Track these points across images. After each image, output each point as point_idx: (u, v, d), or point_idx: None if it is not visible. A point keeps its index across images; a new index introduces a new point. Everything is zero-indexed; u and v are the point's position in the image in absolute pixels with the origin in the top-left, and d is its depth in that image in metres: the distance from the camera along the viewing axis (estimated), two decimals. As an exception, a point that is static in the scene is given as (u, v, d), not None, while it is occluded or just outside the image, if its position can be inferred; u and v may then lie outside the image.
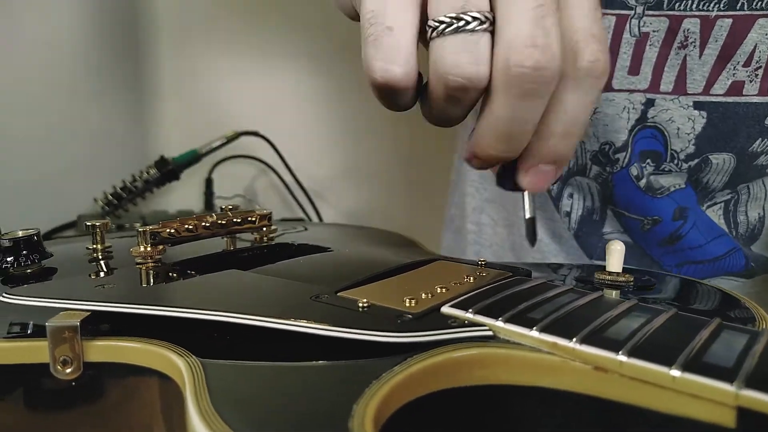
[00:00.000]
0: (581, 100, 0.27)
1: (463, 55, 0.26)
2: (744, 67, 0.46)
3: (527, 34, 0.25)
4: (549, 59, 0.25)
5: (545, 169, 0.29)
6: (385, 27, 0.26)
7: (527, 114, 0.27)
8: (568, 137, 0.28)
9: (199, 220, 0.41)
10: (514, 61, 0.25)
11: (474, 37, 0.26)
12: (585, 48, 0.27)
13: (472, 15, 0.26)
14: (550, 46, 0.25)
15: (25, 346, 0.28)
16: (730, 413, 0.20)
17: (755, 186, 0.52)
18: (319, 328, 0.26)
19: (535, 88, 0.26)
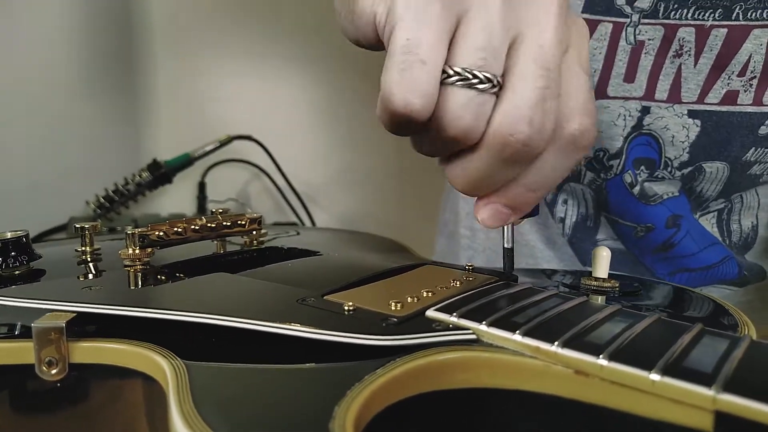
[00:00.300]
0: (560, 164, 0.29)
1: (468, 110, 0.27)
2: (738, 77, 0.46)
3: (527, 111, 0.26)
4: (540, 138, 0.27)
5: (502, 211, 0.30)
6: (419, 59, 0.26)
7: (502, 175, 0.29)
8: (535, 191, 0.29)
9: (189, 223, 0.41)
10: (507, 131, 0.26)
11: (481, 98, 0.27)
12: (577, 118, 0.28)
13: (486, 75, 0.26)
14: (545, 126, 0.27)
15: (10, 346, 0.28)
16: (707, 417, 0.21)
17: (748, 195, 0.52)
18: (303, 331, 0.26)
19: (518, 158, 0.27)
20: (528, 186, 0.29)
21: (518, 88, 0.27)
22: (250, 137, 0.91)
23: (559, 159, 0.28)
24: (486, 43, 0.27)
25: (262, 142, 0.92)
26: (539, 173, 0.29)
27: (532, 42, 0.27)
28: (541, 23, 0.27)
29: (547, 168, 0.29)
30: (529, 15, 0.27)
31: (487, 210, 0.31)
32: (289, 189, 0.94)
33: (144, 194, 0.86)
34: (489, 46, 0.27)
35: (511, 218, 0.31)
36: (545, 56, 0.27)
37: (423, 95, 0.26)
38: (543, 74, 0.27)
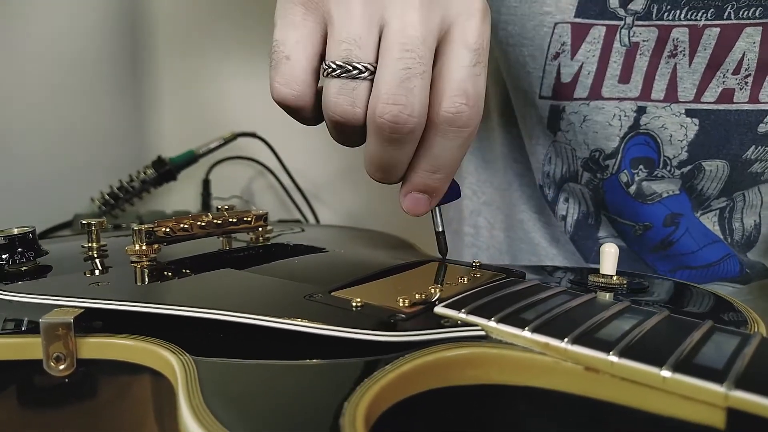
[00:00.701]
0: (446, 145, 0.32)
1: (341, 97, 0.31)
2: (733, 75, 0.46)
3: (391, 92, 0.29)
4: (408, 116, 0.30)
5: (418, 197, 0.34)
6: (284, 56, 0.31)
7: (394, 154, 0.32)
8: (435, 173, 0.33)
9: (195, 219, 0.41)
10: (377, 112, 0.30)
11: (353, 84, 0.30)
12: (449, 99, 0.30)
13: (354, 64, 0.30)
14: (412, 104, 0.29)
15: (18, 342, 0.28)
16: (719, 414, 0.21)
17: (751, 193, 0.52)
18: (312, 327, 0.26)
19: (396, 137, 0.30)
20: (426, 169, 0.33)
21: (383, 72, 0.30)
22: (255, 134, 0.91)
23: (444, 141, 0.31)
24: (347, 35, 0.30)
25: (266, 140, 0.92)
26: (430, 155, 0.32)
27: (395, 25, 0.30)
28: (403, 6, 0.30)
29: (435, 150, 0.32)
30: (392, 2, 0.30)
31: (406, 200, 0.34)
32: (294, 186, 0.94)
33: (149, 191, 0.86)
34: (350, 37, 0.30)
35: (431, 202, 0.34)
36: (407, 37, 0.29)
37: (291, 85, 0.31)
38: (404, 56, 0.29)
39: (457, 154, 0.32)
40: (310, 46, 0.31)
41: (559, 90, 0.51)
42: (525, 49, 0.51)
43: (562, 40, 0.49)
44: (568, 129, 0.52)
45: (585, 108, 0.50)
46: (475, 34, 0.31)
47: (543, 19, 0.49)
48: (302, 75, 0.31)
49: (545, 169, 0.57)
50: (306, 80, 0.31)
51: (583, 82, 0.50)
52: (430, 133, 0.31)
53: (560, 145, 0.54)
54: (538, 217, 0.61)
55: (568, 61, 0.49)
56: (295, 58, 0.31)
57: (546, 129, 0.54)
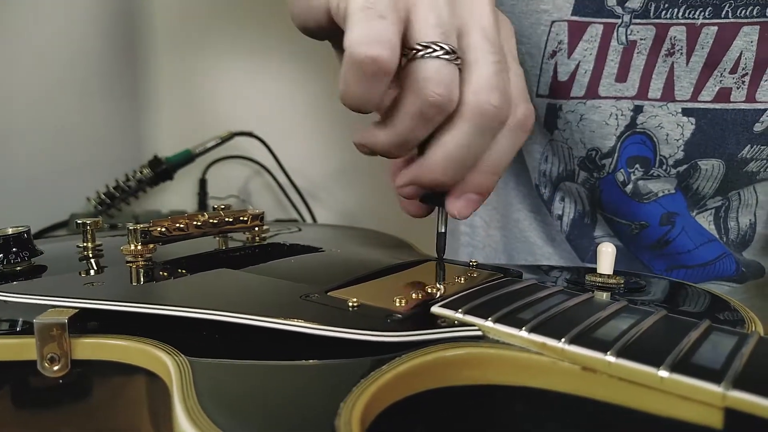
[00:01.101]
0: (510, 146, 0.33)
1: (440, 77, 0.29)
2: (731, 74, 0.46)
3: (494, 79, 0.30)
4: (506, 103, 0.31)
5: (473, 198, 0.34)
6: (378, 14, 0.28)
7: (480, 146, 0.32)
8: (494, 174, 0.33)
9: (191, 219, 0.41)
10: (483, 98, 0.30)
11: (450, 67, 0.29)
12: (521, 104, 0.32)
13: (450, 47, 0.29)
14: (508, 92, 0.31)
15: (12, 343, 0.28)
16: (717, 414, 0.20)
17: (746, 192, 0.52)
18: (308, 327, 0.26)
19: (493, 124, 0.31)
20: (488, 169, 0.33)
21: (480, 63, 0.30)
22: (251, 134, 0.91)
23: (510, 142, 0.32)
24: (439, 20, 0.30)
25: (263, 139, 0.92)
26: (496, 156, 0.32)
27: (477, 26, 0.31)
28: (480, 12, 0.31)
29: (500, 150, 0.32)
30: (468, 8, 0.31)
31: (460, 202, 0.34)
32: (290, 185, 0.94)
33: (145, 191, 0.86)
34: (442, 23, 0.30)
35: (479, 204, 0.35)
36: (492, 36, 0.31)
37: (387, 44, 0.28)
38: (495, 50, 0.31)
39: (513, 155, 0.33)
40: (400, 21, 0.29)
41: (556, 88, 0.51)
42: (522, 47, 0.51)
43: (559, 39, 0.49)
44: (564, 128, 0.52)
45: (582, 107, 0.50)
46: (515, 52, 0.35)
47: (540, 17, 0.49)
48: (396, 39, 0.29)
49: (542, 168, 0.57)
50: (398, 45, 0.29)
51: (580, 80, 0.50)
52: (501, 134, 0.32)
53: (557, 143, 0.54)
54: (534, 217, 0.61)
55: (564, 59, 0.49)
56: (390, 19, 0.28)
57: (543, 128, 0.54)
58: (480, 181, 0.33)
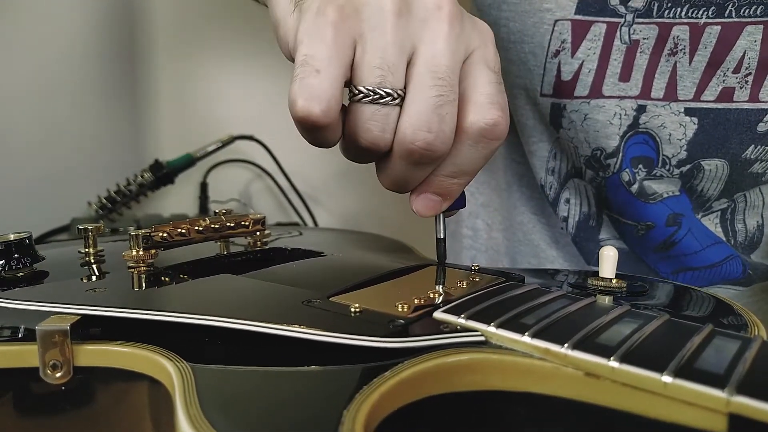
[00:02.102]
0: (474, 155, 0.32)
1: (373, 123, 0.31)
2: (734, 74, 0.46)
3: (424, 119, 0.30)
4: (440, 142, 0.30)
5: (432, 198, 0.34)
6: (314, 69, 0.29)
7: (417, 175, 0.33)
8: (456, 179, 0.33)
9: (192, 224, 0.41)
10: (409, 139, 0.30)
11: (385, 110, 0.30)
12: (484, 112, 0.31)
13: (386, 90, 0.30)
14: (443, 131, 0.30)
15: (14, 350, 0.28)
16: (721, 420, 0.20)
17: (752, 194, 0.52)
18: (310, 333, 0.26)
19: (425, 160, 0.31)
20: (448, 175, 0.33)
21: (415, 99, 0.30)
22: (252, 137, 0.91)
23: (473, 150, 0.32)
24: (381, 61, 0.30)
25: (264, 142, 0.92)
26: (455, 164, 0.32)
27: (426, 54, 0.30)
28: (432, 36, 0.30)
29: (462, 159, 0.32)
30: (421, 30, 0.30)
31: (419, 201, 0.34)
32: (292, 189, 0.94)
33: (146, 195, 0.86)
34: (384, 64, 0.30)
35: (442, 205, 0.35)
36: (438, 66, 0.30)
37: (320, 101, 0.29)
38: (437, 83, 0.30)
39: (481, 163, 0.33)
40: (341, 67, 0.30)
41: (560, 88, 0.51)
42: (525, 46, 0.51)
43: (562, 38, 0.49)
44: (569, 127, 0.52)
45: (586, 106, 0.50)
46: (494, 58, 0.33)
47: (543, 16, 0.49)
48: (332, 91, 0.30)
49: (549, 165, 0.57)
50: (336, 97, 0.30)
51: (584, 80, 0.49)
52: (458, 142, 0.31)
53: (564, 141, 0.54)
54: (538, 219, 0.61)
55: (568, 58, 0.49)
56: (326, 73, 0.29)
57: (549, 126, 0.54)
58: (438, 183, 0.33)
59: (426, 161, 0.31)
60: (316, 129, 0.30)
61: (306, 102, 0.29)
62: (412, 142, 0.30)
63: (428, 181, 0.33)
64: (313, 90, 0.29)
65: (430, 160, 0.31)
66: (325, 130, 0.31)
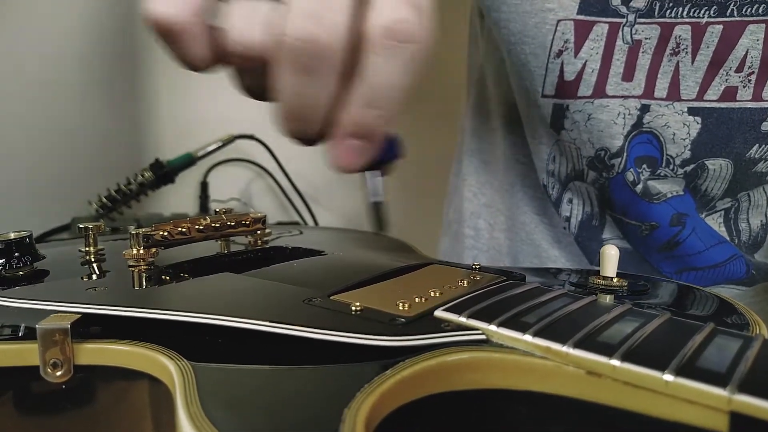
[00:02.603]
0: (387, 68, 0.25)
1: (242, 20, 0.25)
2: (736, 73, 0.46)
3: (304, 4, 0.24)
4: (329, 33, 0.24)
5: (352, 144, 0.27)
6: None
7: (312, 90, 0.25)
8: (371, 107, 0.26)
9: (193, 223, 0.41)
10: (289, 30, 0.24)
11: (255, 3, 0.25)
12: (390, 7, 0.24)
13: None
14: (332, 19, 0.24)
15: (15, 348, 0.28)
16: (723, 418, 0.20)
17: (756, 193, 0.52)
18: (311, 332, 0.26)
19: (314, 64, 0.24)
20: (359, 102, 0.26)
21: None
22: (253, 136, 0.91)
23: (384, 61, 0.25)
24: None
25: (264, 142, 0.92)
26: (367, 82, 0.25)
27: None
28: None
29: (373, 75, 0.25)
30: None
31: (335, 149, 0.27)
32: (292, 188, 0.94)
33: (146, 194, 0.86)
34: None
35: (367, 152, 0.28)
36: None
37: None
38: None
39: (398, 80, 0.25)
40: None
41: (563, 88, 0.51)
42: (527, 47, 0.51)
43: (565, 38, 0.49)
44: (572, 128, 0.52)
45: (589, 106, 0.50)
46: None
47: (545, 17, 0.49)
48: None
49: (549, 168, 0.56)
50: None
51: (587, 80, 0.49)
52: (362, 55, 0.25)
53: (564, 144, 0.54)
54: (540, 219, 0.61)
55: (571, 59, 0.49)
56: None
57: (549, 128, 0.54)
58: (352, 118, 0.26)
59: (317, 63, 0.24)
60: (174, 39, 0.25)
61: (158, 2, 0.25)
62: (292, 35, 0.24)
63: (338, 120, 0.27)
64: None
65: (323, 60, 0.24)
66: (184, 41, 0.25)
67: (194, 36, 0.25)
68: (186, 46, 0.26)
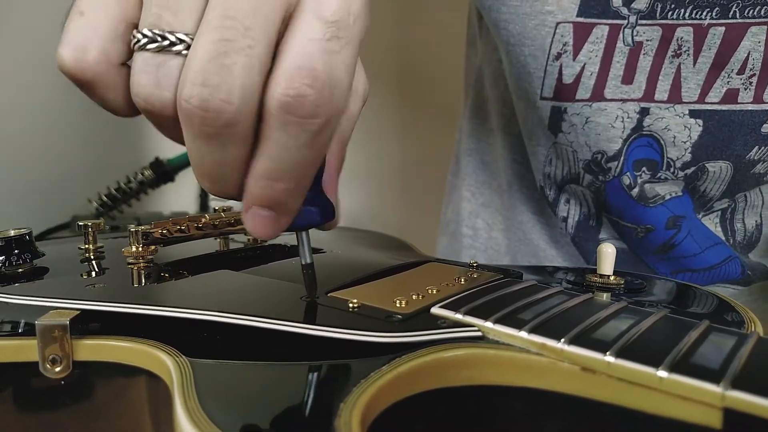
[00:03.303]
0: (286, 142, 0.24)
1: (143, 75, 0.24)
2: (738, 75, 0.46)
3: (202, 69, 0.22)
4: (222, 101, 0.22)
5: (261, 214, 0.26)
6: (78, 11, 0.25)
7: (216, 156, 0.24)
8: (275, 181, 0.25)
9: (192, 220, 0.41)
10: (183, 95, 0.23)
11: (159, 58, 0.24)
12: (289, 79, 0.23)
13: (165, 35, 0.23)
14: (229, 86, 0.22)
15: (14, 344, 0.28)
16: (716, 414, 0.20)
17: (752, 194, 0.52)
18: (308, 328, 0.26)
19: (210, 130, 0.23)
20: (264, 175, 0.24)
21: (196, 44, 0.23)
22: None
23: (282, 135, 0.23)
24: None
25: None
26: (268, 155, 0.24)
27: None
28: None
29: (273, 149, 0.24)
30: None
31: (248, 218, 0.26)
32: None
33: (146, 192, 0.86)
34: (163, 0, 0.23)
35: (279, 221, 0.26)
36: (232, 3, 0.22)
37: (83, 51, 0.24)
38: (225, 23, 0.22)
39: (302, 155, 0.24)
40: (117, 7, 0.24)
41: (561, 91, 0.50)
42: (526, 48, 0.50)
43: (564, 41, 0.49)
44: (569, 131, 0.52)
45: (587, 109, 0.50)
46: (333, 4, 0.23)
47: (544, 19, 0.49)
48: (97, 39, 0.24)
49: (546, 170, 0.56)
50: (102, 47, 0.24)
51: (585, 83, 0.49)
52: (266, 128, 0.24)
53: (561, 146, 0.54)
54: (537, 219, 0.61)
55: (570, 61, 0.49)
56: (92, 16, 0.24)
57: (546, 130, 0.54)
58: (258, 191, 0.25)
59: (213, 131, 0.23)
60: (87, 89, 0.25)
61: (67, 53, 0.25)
62: (186, 99, 0.23)
63: (247, 189, 0.25)
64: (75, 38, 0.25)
65: (217, 127, 0.23)
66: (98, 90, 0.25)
67: (106, 85, 0.25)
68: (100, 94, 0.25)
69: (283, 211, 0.26)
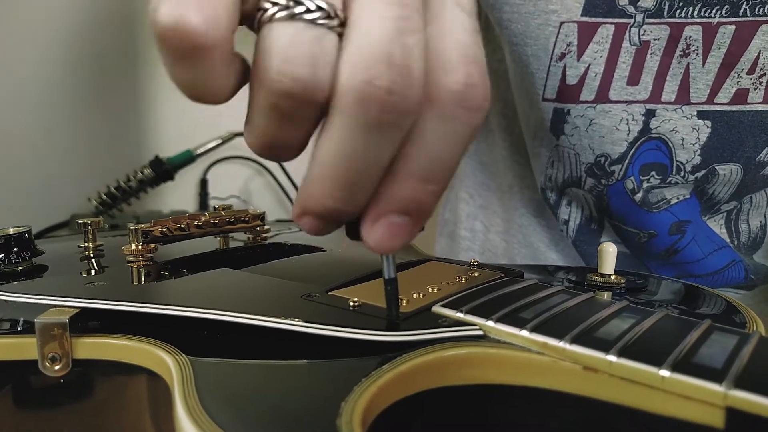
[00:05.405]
0: (449, 136, 0.21)
1: (297, 49, 0.19)
2: (748, 75, 0.45)
3: (384, 47, 0.19)
4: (408, 85, 0.19)
5: (397, 221, 0.22)
6: None
7: (376, 151, 0.21)
8: (428, 182, 0.22)
9: (192, 219, 0.41)
10: (363, 76, 0.19)
11: (315, 33, 0.20)
12: (459, 68, 0.21)
13: (317, 3, 0.19)
14: (411, 69, 0.19)
15: (13, 342, 0.28)
16: (719, 413, 0.20)
17: (758, 195, 0.51)
18: (309, 327, 0.26)
19: (387, 118, 0.20)
20: (417, 176, 0.21)
21: (366, 20, 0.19)
22: (252, 134, 0.91)
23: (448, 129, 0.21)
24: None
25: (264, 139, 0.92)
26: (426, 152, 0.21)
27: None
28: None
29: (434, 142, 0.21)
30: None
31: (378, 229, 0.22)
32: (291, 185, 0.94)
33: (146, 191, 0.86)
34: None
35: (413, 231, 0.23)
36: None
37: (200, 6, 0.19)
38: (396, 2, 0.20)
39: (459, 151, 0.22)
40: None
41: (564, 92, 0.49)
42: (528, 48, 0.49)
43: (568, 41, 0.47)
44: (572, 133, 0.51)
45: (591, 111, 0.49)
46: None
47: (548, 18, 0.47)
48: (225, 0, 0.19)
49: (548, 172, 0.55)
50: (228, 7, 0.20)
51: (590, 84, 0.48)
52: (425, 119, 0.21)
53: (563, 149, 0.53)
54: (538, 221, 0.60)
55: (574, 62, 0.48)
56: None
57: (548, 132, 0.53)
58: (403, 194, 0.22)
59: (390, 118, 0.20)
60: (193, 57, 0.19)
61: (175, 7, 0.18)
62: (368, 82, 0.19)
63: (389, 191, 0.22)
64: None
65: (397, 116, 0.20)
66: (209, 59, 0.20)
67: (224, 58, 0.20)
68: (211, 70, 0.20)
69: (421, 216, 0.23)
